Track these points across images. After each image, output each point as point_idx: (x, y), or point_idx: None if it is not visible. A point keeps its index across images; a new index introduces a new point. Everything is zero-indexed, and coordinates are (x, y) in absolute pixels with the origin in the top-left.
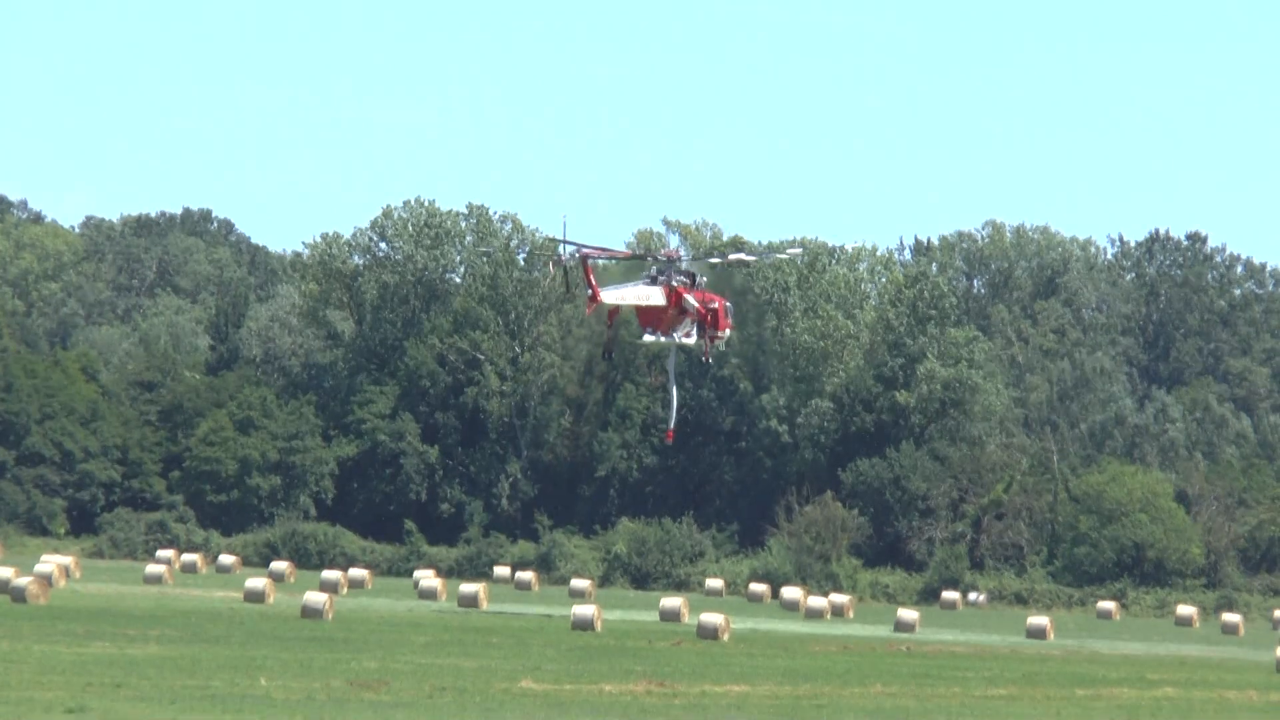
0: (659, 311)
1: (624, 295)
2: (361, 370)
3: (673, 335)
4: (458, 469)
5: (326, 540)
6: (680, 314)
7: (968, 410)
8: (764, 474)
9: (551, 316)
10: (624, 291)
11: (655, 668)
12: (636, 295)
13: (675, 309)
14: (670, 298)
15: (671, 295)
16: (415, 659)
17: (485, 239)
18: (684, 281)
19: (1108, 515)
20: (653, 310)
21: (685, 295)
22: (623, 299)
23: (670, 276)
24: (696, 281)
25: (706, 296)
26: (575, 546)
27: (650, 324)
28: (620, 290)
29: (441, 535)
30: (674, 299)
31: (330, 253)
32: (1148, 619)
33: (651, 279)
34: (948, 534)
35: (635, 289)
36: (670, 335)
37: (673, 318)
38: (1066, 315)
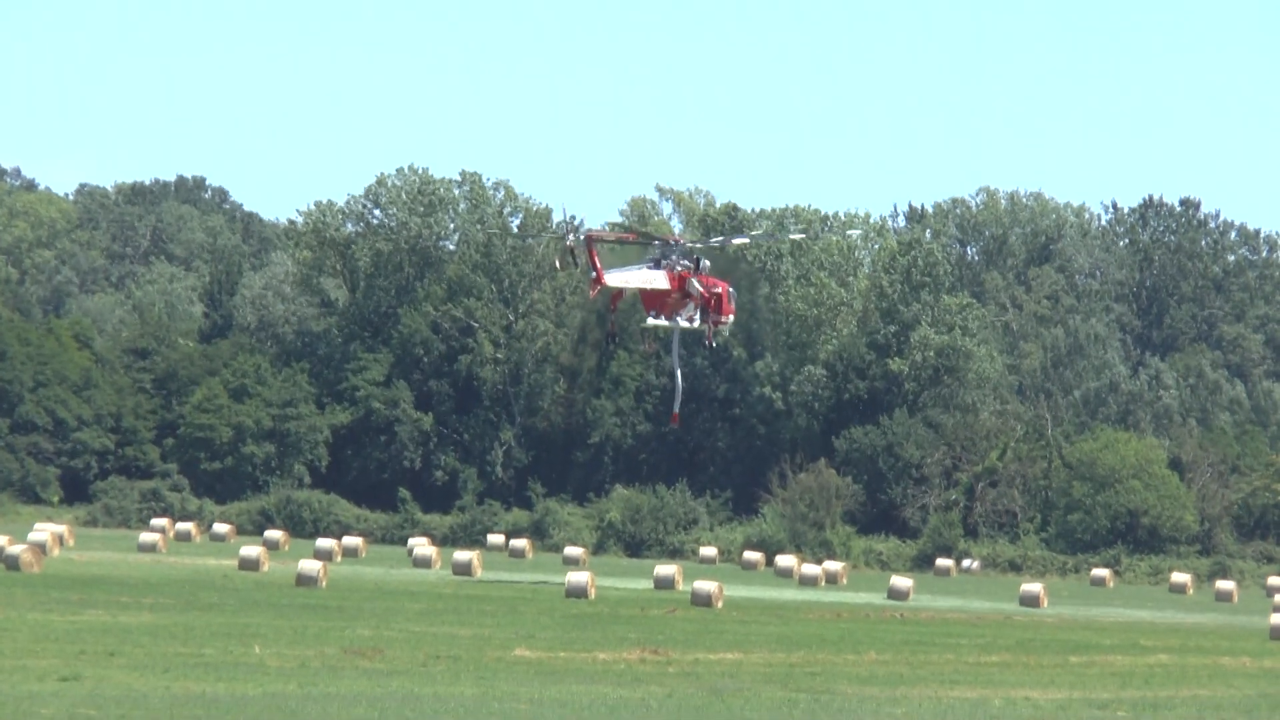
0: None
1: (628, 279)
2: (355, 338)
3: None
4: (451, 436)
5: (320, 508)
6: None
7: (961, 377)
8: (758, 441)
9: (545, 284)
10: (628, 275)
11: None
12: (640, 279)
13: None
14: (674, 282)
15: (675, 280)
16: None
17: (478, 206)
18: (688, 266)
19: (1101, 482)
20: (657, 294)
21: (689, 280)
22: (627, 282)
23: (674, 261)
24: (700, 266)
25: (710, 281)
26: (569, 514)
27: (654, 307)
28: (624, 274)
29: (435, 503)
30: (677, 283)
31: (324, 220)
32: (1142, 586)
33: (655, 263)
34: (941, 501)
35: (639, 273)
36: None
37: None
38: (1060, 282)
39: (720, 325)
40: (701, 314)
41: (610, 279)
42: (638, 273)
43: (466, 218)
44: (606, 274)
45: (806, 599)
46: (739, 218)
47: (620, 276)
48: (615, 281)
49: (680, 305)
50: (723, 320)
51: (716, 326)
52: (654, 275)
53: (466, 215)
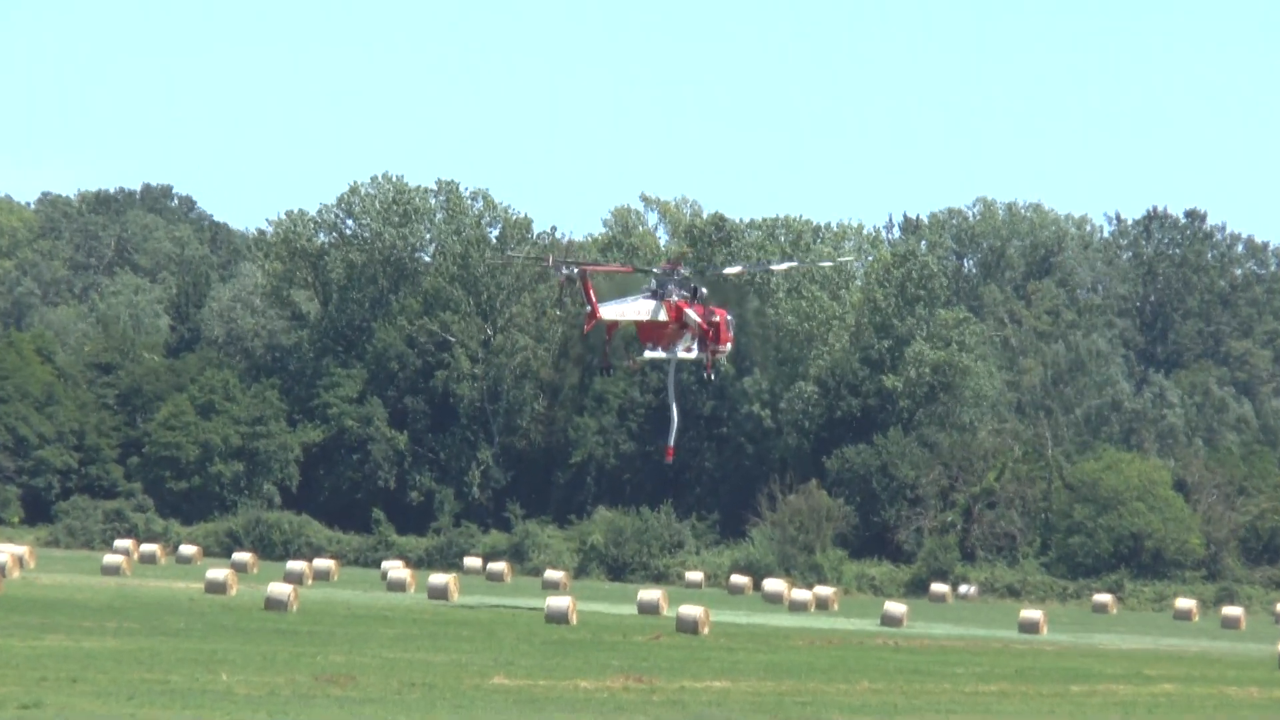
0: (660, 326)
1: (624, 311)
2: (327, 352)
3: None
4: (427, 455)
5: (291, 529)
6: (681, 329)
7: (958, 395)
8: (746, 461)
9: (525, 297)
10: (624, 307)
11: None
12: (636, 310)
13: (676, 324)
14: (671, 312)
15: (672, 310)
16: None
17: (456, 216)
18: (685, 296)
19: (1104, 504)
20: (653, 325)
21: (686, 310)
22: (623, 315)
23: (671, 291)
24: (697, 295)
25: (708, 310)
26: (549, 536)
27: (651, 339)
28: (620, 305)
29: (410, 524)
30: (675, 314)
31: (295, 230)
32: (1145, 612)
33: (652, 293)
34: (937, 524)
35: (635, 304)
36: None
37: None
38: (1061, 296)
39: (719, 354)
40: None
41: (605, 312)
42: (633, 304)
43: (443, 228)
44: (601, 306)
45: (796, 625)
46: (726, 228)
47: (616, 309)
48: (611, 314)
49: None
50: (721, 349)
51: (715, 356)
52: (650, 306)
53: (443, 225)
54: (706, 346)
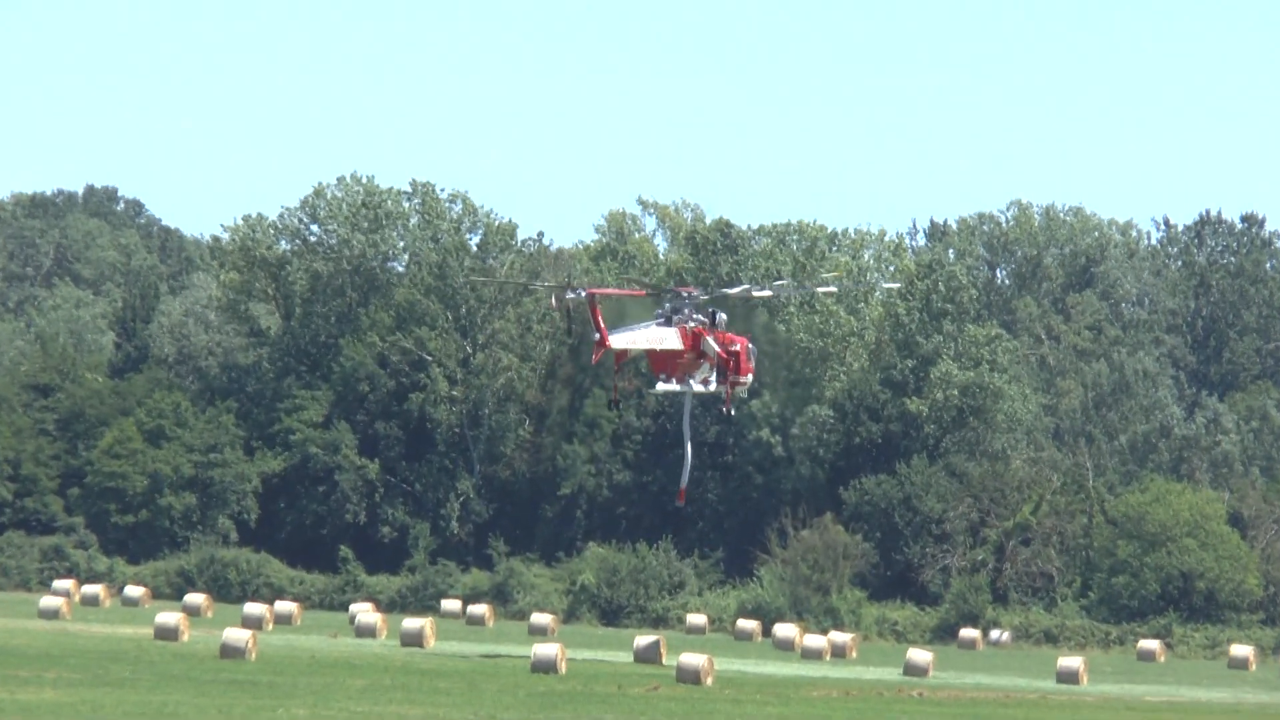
0: (674, 356)
1: (635, 339)
2: (290, 372)
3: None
4: (401, 486)
5: (249, 569)
6: (697, 358)
7: (989, 420)
8: (753, 493)
9: (509, 311)
10: (635, 335)
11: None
12: (649, 338)
13: (692, 352)
14: (687, 340)
15: (688, 338)
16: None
17: (432, 221)
18: (702, 321)
19: (1151, 540)
20: (667, 355)
21: (704, 337)
22: (633, 343)
23: (687, 316)
24: (716, 321)
25: (727, 338)
26: (536, 576)
27: (664, 370)
28: (631, 334)
29: (382, 563)
30: (691, 341)
31: (253, 237)
32: (1197, 660)
33: (666, 319)
34: (966, 562)
35: (647, 331)
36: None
37: (689, 362)
38: (1104, 310)
39: (739, 386)
40: (718, 375)
41: (615, 340)
42: (645, 332)
43: (418, 234)
44: (611, 334)
45: (810, 675)
46: (732, 236)
47: (626, 337)
48: (621, 343)
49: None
50: (742, 381)
51: (734, 389)
52: (664, 334)
53: (418, 231)
54: (726, 378)
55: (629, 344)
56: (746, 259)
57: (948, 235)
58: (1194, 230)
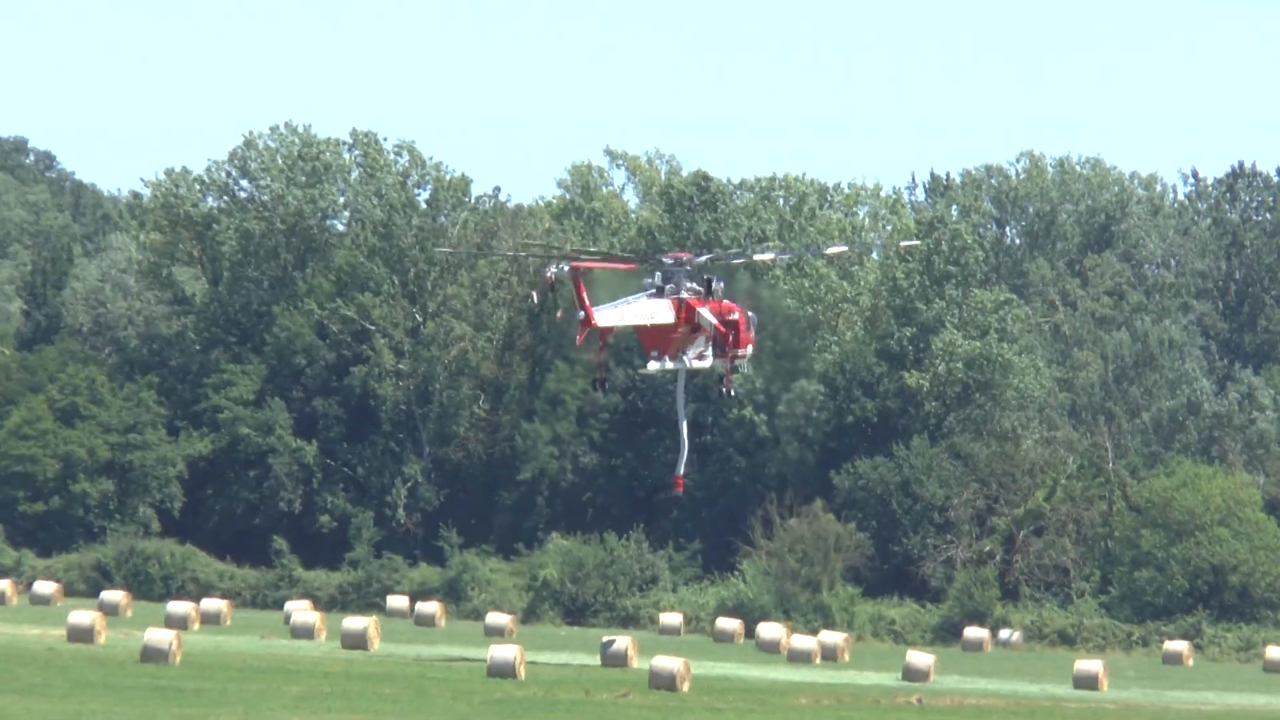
0: (666, 331)
1: (623, 315)
2: (217, 344)
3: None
4: (341, 471)
5: (173, 563)
6: (692, 332)
7: (997, 396)
8: (735, 477)
9: (462, 275)
10: (623, 310)
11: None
12: (638, 313)
13: (686, 326)
14: (680, 313)
15: (682, 310)
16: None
17: (375, 175)
18: (696, 291)
19: (1178, 530)
20: (659, 330)
21: (699, 309)
22: (622, 319)
23: (679, 286)
24: (712, 289)
25: (724, 307)
26: (492, 570)
27: (655, 347)
28: (618, 309)
29: (320, 556)
30: (685, 314)
31: (177, 193)
32: (1229, 663)
33: (658, 290)
34: (972, 554)
35: (637, 306)
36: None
37: (683, 337)
38: (1125, 273)
39: (738, 360)
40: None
41: (602, 317)
42: (635, 306)
43: (360, 190)
44: (596, 311)
45: (798, 680)
46: (711, 190)
47: (614, 313)
48: (609, 320)
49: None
50: (741, 354)
51: (734, 362)
52: (655, 307)
53: (360, 186)
54: (724, 352)
55: (617, 320)
56: (727, 217)
57: (951, 190)
58: (1225, 184)
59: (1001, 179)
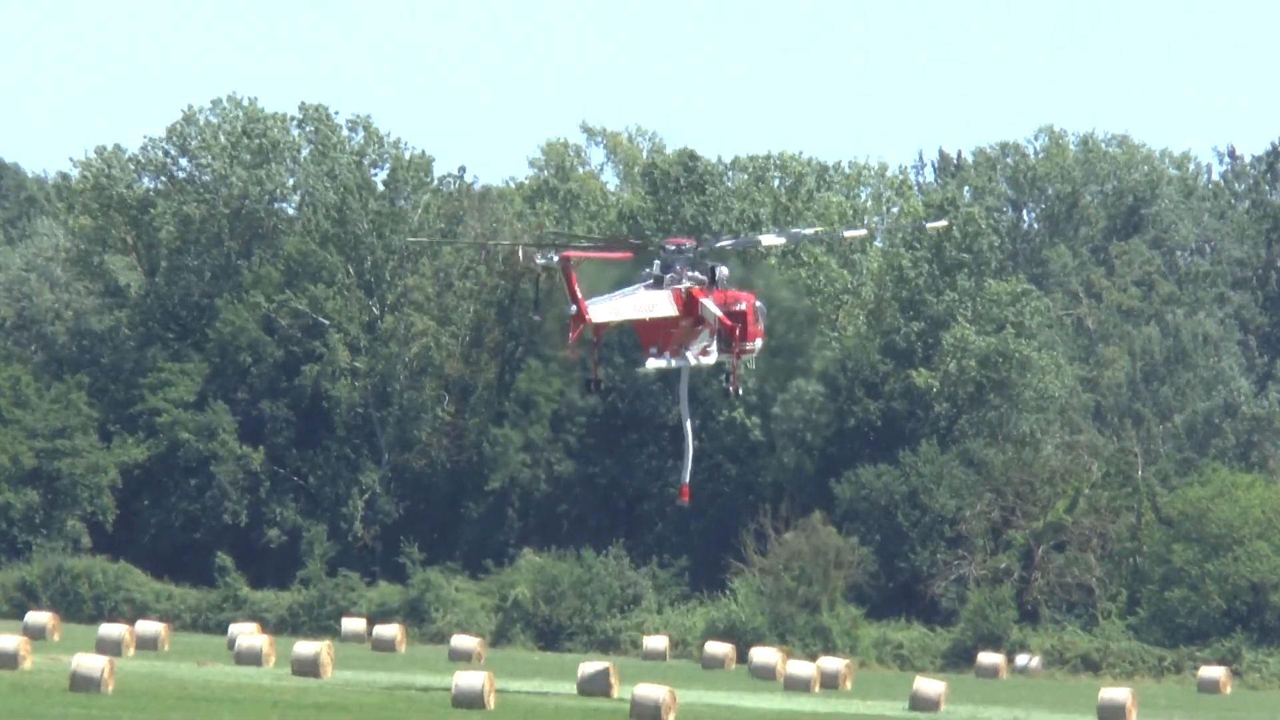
0: (667, 325)
1: (619, 309)
2: (155, 340)
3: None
4: (291, 480)
5: (105, 581)
6: (695, 325)
7: (1014, 396)
8: (726, 487)
9: (424, 264)
10: (619, 304)
11: None
12: (636, 306)
13: (689, 319)
14: (682, 305)
15: (683, 302)
16: None
17: (328, 153)
18: (699, 280)
19: (1214, 544)
20: (658, 324)
21: (702, 300)
22: (618, 313)
23: (679, 274)
24: (717, 277)
25: (730, 297)
26: (458, 590)
27: (654, 342)
28: (614, 302)
29: (269, 574)
30: (687, 306)
31: (109, 174)
32: (1270, 691)
33: (656, 280)
34: (986, 571)
35: (634, 298)
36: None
37: (685, 331)
38: (1155, 261)
39: (745, 355)
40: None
41: (596, 312)
42: (632, 298)
43: (311, 169)
44: (590, 305)
45: (795, 709)
46: (699, 170)
47: (609, 307)
48: (604, 314)
49: (691, 335)
50: (749, 348)
51: (741, 357)
52: (654, 299)
53: (311, 166)
54: (731, 346)
55: (613, 315)
56: (716, 199)
57: (963, 170)
58: (1265, 163)
59: (1019, 158)
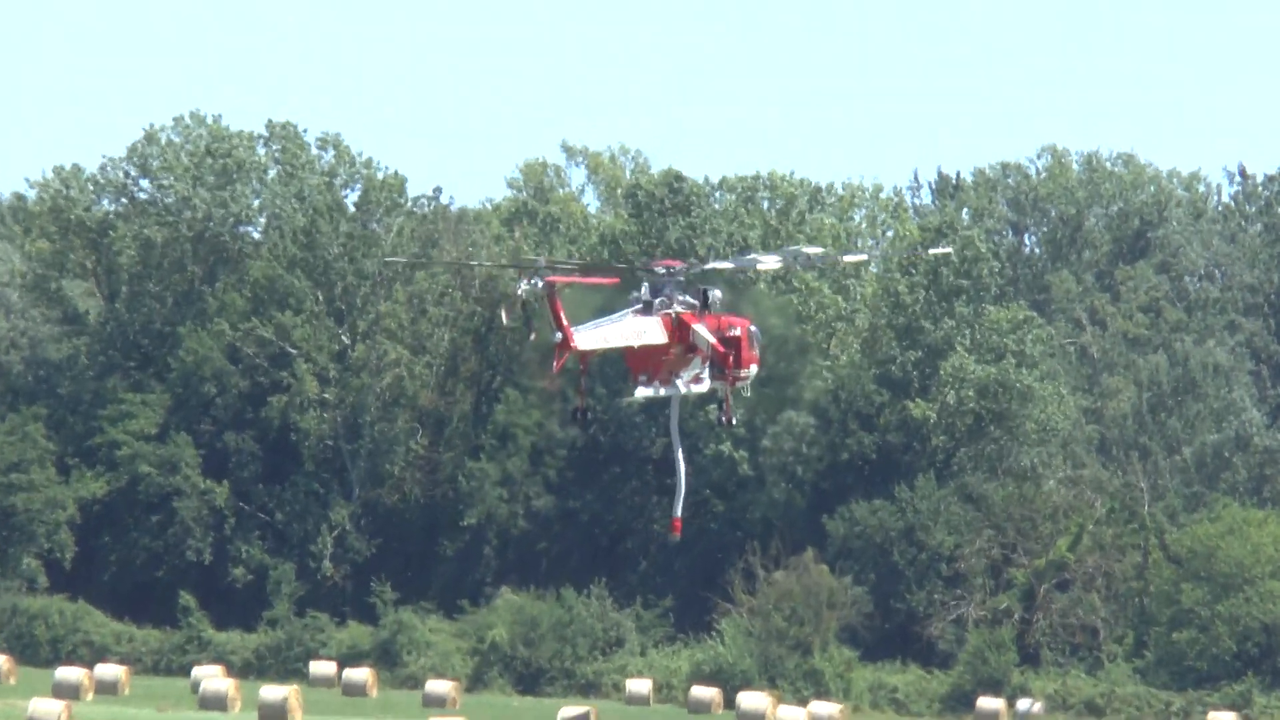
0: (657, 352)
1: (607, 335)
2: (115, 369)
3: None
4: (257, 517)
5: (63, 622)
6: (686, 352)
7: (1015, 429)
8: (712, 523)
9: (397, 290)
10: (607, 330)
11: None
12: (624, 333)
13: (680, 345)
14: (673, 331)
15: (674, 328)
16: None
17: (296, 174)
18: (690, 304)
19: (1224, 584)
20: (648, 352)
21: (694, 326)
22: (606, 341)
23: (670, 298)
24: (709, 301)
25: (724, 322)
26: (432, 631)
27: (644, 370)
28: (601, 329)
29: (234, 614)
30: (678, 332)
31: (67, 195)
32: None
33: (645, 305)
34: (986, 612)
35: (622, 325)
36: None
37: (676, 359)
38: (1162, 286)
39: (740, 383)
40: (712, 370)
41: (582, 339)
42: (620, 325)
43: (279, 190)
44: (577, 332)
45: None
46: (685, 191)
47: (597, 334)
48: (590, 342)
49: (682, 363)
50: (743, 375)
51: (735, 385)
52: (644, 325)
53: (278, 187)
54: (724, 374)
55: (600, 342)
56: (703, 222)
57: (961, 191)
58: (1277, 183)
59: (1020, 178)
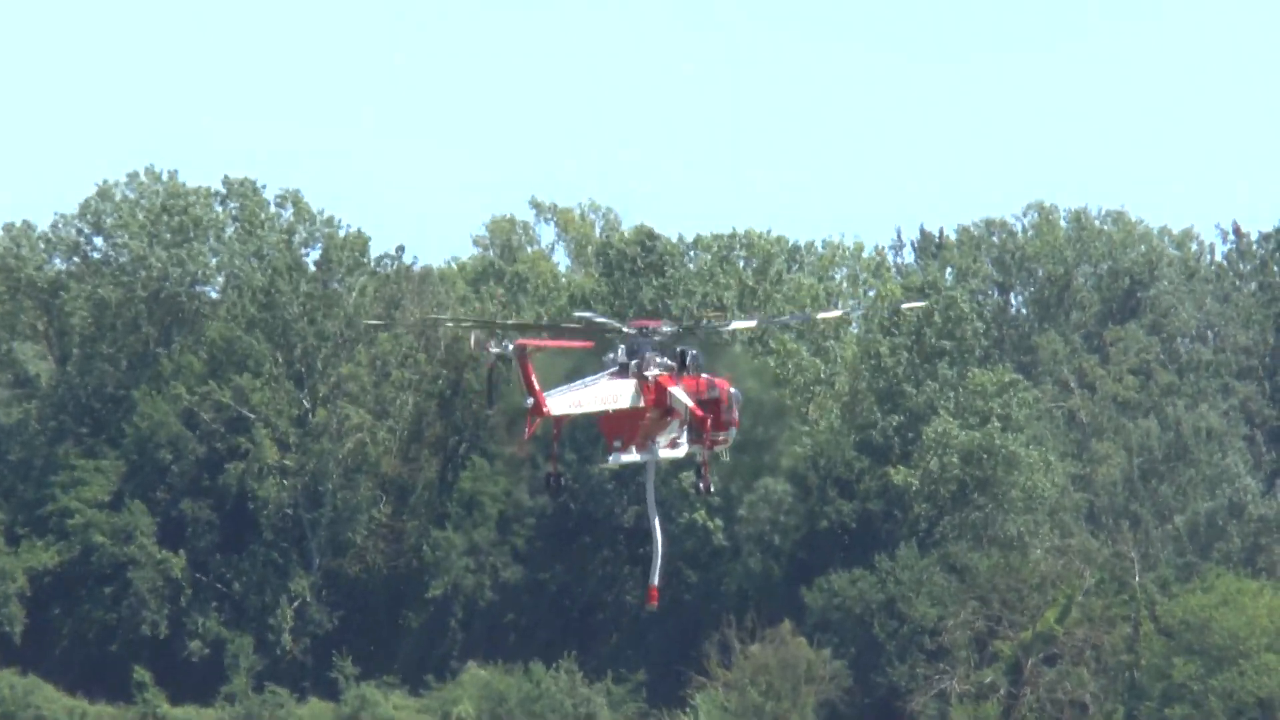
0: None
1: (581, 400)
2: (67, 435)
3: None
4: (215, 587)
5: (13, 697)
6: (664, 416)
7: (1000, 496)
8: (686, 594)
9: (358, 351)
10: (580, 394)
11: None
12: (599, 397)
13: (656, 410)
14: (649, 394)
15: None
16: None
17: (254, 231)
18: (668, 367)
19: (1217, 656)
20: (624, 416)
21: (671, 389)
22: (579, 405)
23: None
24: (688, 362)
25: (701, 384)
26: (396, 707)
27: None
28: (575, 393)
29: (190, 689)
30: (654, 396)
31: (17, 253)
32: None
33: (621, 367)
34: (970, 686)
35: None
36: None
37: (653, 422)
38: (1154, 348)
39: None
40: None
41: (555, 404)
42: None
43: (237, 248)
44: (549, 396)
45: None
46: (658, 250)
47: (569, 399)
48: (563, 406)
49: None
50: (722, 439)
51: (714, 448)
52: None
53: (236, 245)
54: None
55: (573, 407)
56: (677, 282)
57: (945, 249)
58: (1273, 241)
59: (1006, 236)
